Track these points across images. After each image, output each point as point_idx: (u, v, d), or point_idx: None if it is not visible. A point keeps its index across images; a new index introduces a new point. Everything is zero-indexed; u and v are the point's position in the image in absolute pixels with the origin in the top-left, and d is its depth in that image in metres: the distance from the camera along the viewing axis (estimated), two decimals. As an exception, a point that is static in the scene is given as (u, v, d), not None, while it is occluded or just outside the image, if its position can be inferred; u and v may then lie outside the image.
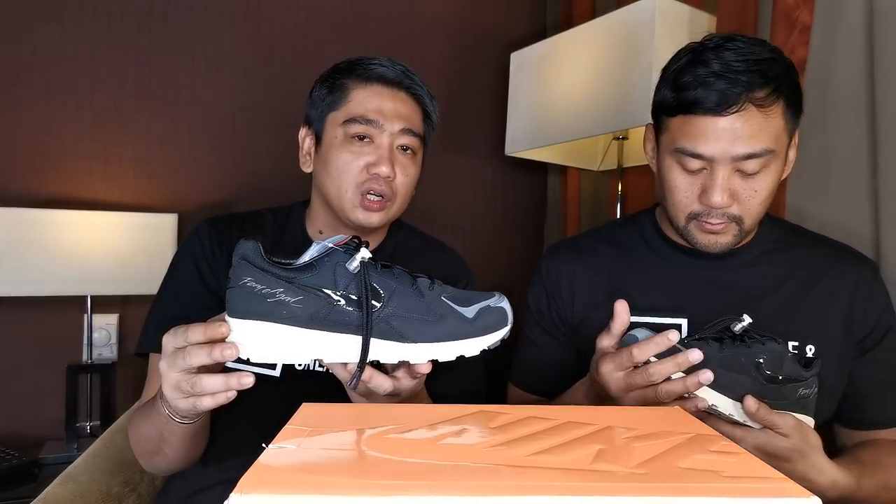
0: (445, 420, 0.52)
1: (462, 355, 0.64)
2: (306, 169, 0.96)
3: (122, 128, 1.57)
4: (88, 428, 1.49)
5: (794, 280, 0.88)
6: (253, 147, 1.70)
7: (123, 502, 0.95)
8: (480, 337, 0.64)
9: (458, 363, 0.65)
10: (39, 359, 1.49)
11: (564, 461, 0.42)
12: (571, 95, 1.51)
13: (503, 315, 0.65)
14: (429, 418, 0.52)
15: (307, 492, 0.35)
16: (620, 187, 1.63)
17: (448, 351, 0.63)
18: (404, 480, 0.38)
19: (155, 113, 1.60)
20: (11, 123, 1.47)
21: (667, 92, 0.82)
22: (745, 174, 0.79)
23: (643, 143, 0.93)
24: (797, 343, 0.85)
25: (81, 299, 1.45)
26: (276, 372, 0.87)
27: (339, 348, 0.62)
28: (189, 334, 0.61)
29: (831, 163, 1.15)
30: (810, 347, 0.84)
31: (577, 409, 0.58)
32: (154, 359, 0.88)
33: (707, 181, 0.80)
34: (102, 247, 1.40)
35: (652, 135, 0.90)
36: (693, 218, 0.83)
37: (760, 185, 0.79)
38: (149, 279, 1.42)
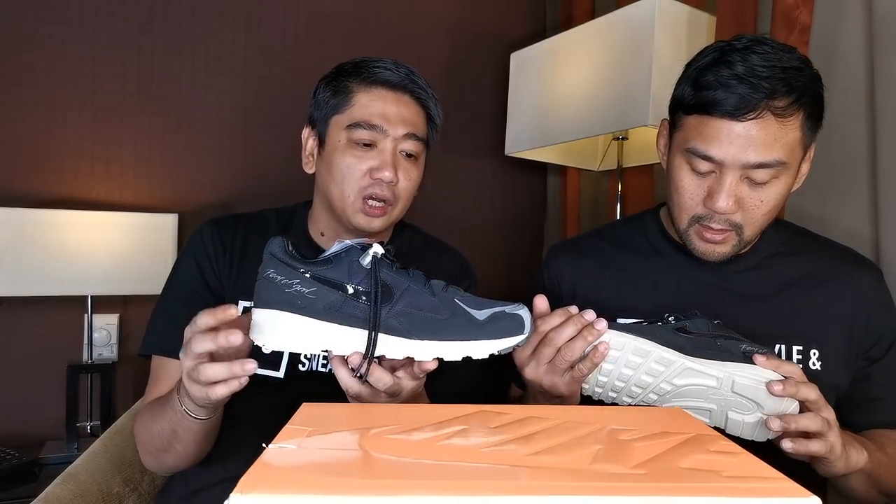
0: (446, 420, 0.52)
1: (469, 356, 0.64)
2: (309, 170, 0.96)
3: (124, 128, 1.57)
4: (89, 428, 1.49)
5: (799, 283, 0.87)
6: (254, 147, 1.70)
7: (124, 502, 0.95)
8: (490, 340, 0.64)
9: (466, 364, 0.65)
10: (40, 359, 1.50)
11: (564, 461, 0.42)
12: (571, 95, 1.51)
13: (518, 322, 0.66)
14: (429, 418, 0.52)
15: (307, 492, 0.35)
16: (620, 187, 1.63)
17: (454, 351, 0.64)
18: (405, 480, 0.38)
19: (156, 113, 1.60)
20: (14, 124, 1.47)
21: (687, 88, 0.80)
22: (754, 183, 0.77)
23: (656, 138, 0.92)
24: (801, 347, 0.84)
25: (82, 299, 1.45)
26: (280, 373, 0.87)
27: (348, 341, 0.63)
28: (198, 320, 0.64)
29: (831, 163, 1.15)
30: (814, 351, 0.84)
31: (578, 409, 0.58)
32: (157, 360, 0.88)
33: (714, 185, 0.78)
34: (103, 247, 1.40)
35: (666, 131, 0.88)
36: (696, 221, 0.82)
37: (767, 196, 0.78)
38: (149, 279, 1.42)
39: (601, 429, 0.51)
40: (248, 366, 0.63)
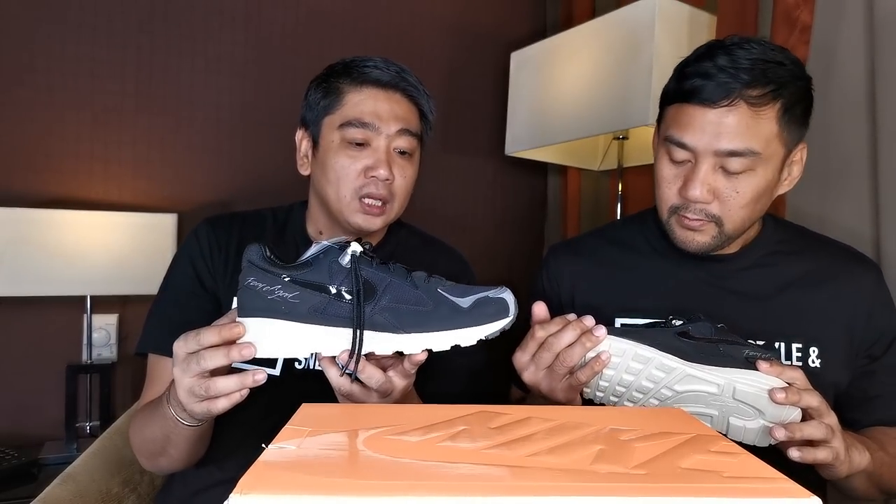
0: (445, 421, 0.52)
1: (458, 345, 0.64)
2: (304, 172, 0.95)
3: (123, 128, 1.57)
4: (88, 428, 1.49)
5: (799, 282, 0.88)
6: (253, 147, 1.70)
7: (123, 502, 0.95)
8: (477, 326, 0.64)
9: (458, 353, 0.65)
10: (39, 359, 1.49)
11: (564, 461, 0.42)
12: (571, 95, 1.51)
13: (503, 305, 0.65)
14: (429, 419, 0.52)
15: (307, 492, 0.35)
16: (620, 187, 1.63)
17: (442, 340, 0.64)
18: (404, 481, 0.38)
19: (155, 113, 1.60)
20: (13, 124, 1.47)
21: (672, 82, 0.82)
22: (728, 172, 0.78)
23: (652, 138, 0.93)
24: (801, 345, 0.84)
25: (81, 299, 1.45)
26: (276, 370, 0.87)
27: (336, 342, 0.63)
28: (202, 338, 0.62)
29: (831, 163, 1.15)
30: (814, 349, 0.84)
31: (578, 410, 0.58)
32: (153, 359, 0.88)
33: (689, 173, 0.80)
34: (102, 247, 1.40)
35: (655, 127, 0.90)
36: (674, 212, 0.83)
37: (743, 188, 0.79)
38: (148, 279, 1.42)
39: (601, 429, 0.50)
40: (259, 376, 0.63)
